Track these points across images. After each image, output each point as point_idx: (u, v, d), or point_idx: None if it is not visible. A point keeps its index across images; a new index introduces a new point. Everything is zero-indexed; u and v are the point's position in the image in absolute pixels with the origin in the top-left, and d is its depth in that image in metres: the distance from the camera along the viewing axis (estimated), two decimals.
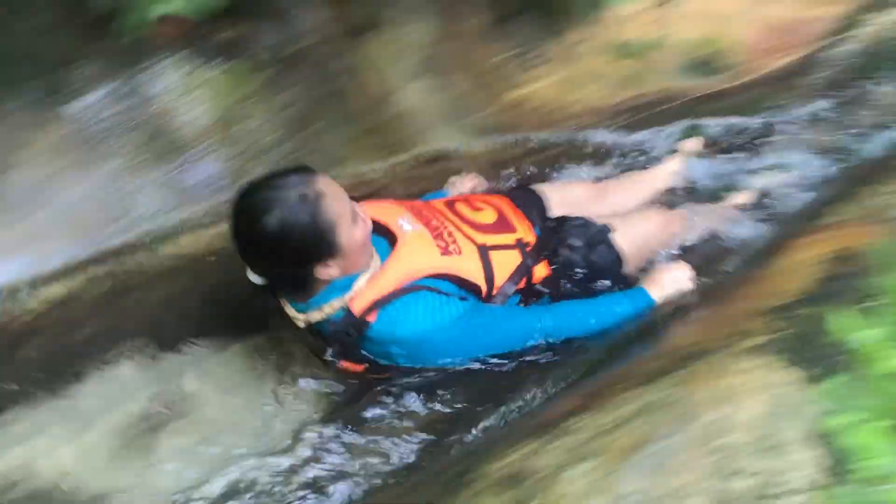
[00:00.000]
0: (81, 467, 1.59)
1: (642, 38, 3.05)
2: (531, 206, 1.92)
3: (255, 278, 1.51)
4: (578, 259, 1.77)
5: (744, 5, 3.21)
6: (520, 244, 1.74)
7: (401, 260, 1.56)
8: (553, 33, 2.75)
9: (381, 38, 2.41)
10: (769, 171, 2.31)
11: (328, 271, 1.47)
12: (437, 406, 1.60)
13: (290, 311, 1.57)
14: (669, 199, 2.23)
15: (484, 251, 1.67)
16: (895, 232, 1.90)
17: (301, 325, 1.57)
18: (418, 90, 2.47)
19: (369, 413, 1.61)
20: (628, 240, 1.84)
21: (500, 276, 1.66)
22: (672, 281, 1.67)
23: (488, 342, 1.58)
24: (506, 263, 1.68)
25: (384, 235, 1.62)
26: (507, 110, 2.68)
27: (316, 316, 1.54)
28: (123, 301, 1.91)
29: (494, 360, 1.58)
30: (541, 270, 1.75)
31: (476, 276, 1.62)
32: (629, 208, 2.07)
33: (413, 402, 1.61)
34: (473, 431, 1.46)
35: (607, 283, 1.79)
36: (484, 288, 1.63)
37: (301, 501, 1.49)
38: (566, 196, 2.02)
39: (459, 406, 1.58)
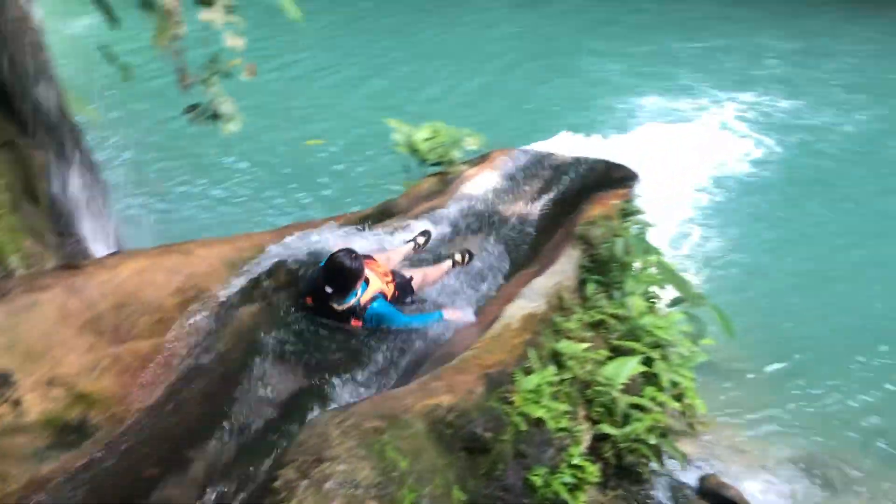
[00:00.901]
0: None
1: None
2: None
3: (329, 290, 3.82)
4: (401, 288, 4.39)
5: (89, 361, 3.15)
6: (392, 281, 4.31)
7: (373, 284, 4.07)
8: None
9: None
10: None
11: (359, 285, 3.91)
12: None
13: (337, 305, 3.90)
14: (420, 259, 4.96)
15: (386, 283, 4.27)
16: None
17: (341, 310, 3.92)
18: None
19: None
20: (416, 282, 4.51)
21: (391, 294, 4.25)
22: (453, 317, 4.17)
23: (401, 317, 4.07)
24: (390, 290, 4.26)
25: None
26: None
27: (346, 306, 3.92)
28: None
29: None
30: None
31: (388, 294, 4.21)
32: (399, 265, 4.75)
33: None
34: None
35: (410, 297, 4.46)
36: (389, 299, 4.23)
37: None
38: (380, 259, 4.50)
39: None
